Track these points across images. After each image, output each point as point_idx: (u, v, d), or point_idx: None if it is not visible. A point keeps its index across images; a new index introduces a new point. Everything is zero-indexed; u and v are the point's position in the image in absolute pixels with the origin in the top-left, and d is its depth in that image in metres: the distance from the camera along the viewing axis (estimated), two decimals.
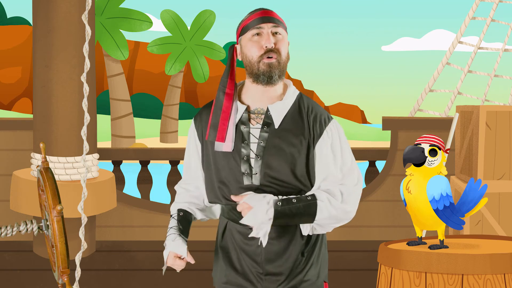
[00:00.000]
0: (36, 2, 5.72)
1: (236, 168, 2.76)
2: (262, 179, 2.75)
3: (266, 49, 2.76)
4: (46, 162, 2.81)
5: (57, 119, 5.67)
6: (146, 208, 6.57)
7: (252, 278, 2.82)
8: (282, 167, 2.76)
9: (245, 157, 2.76)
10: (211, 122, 2.80)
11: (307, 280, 2.86)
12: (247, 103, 2.83)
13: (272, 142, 2.77)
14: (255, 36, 2.79)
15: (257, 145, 2.77)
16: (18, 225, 2.84)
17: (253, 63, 2.78)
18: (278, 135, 2.78)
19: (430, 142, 3.22)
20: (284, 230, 2.80)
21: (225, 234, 2.87)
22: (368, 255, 5.87)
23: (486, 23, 19.37)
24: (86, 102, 3.88)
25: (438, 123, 6.57)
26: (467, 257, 3.07)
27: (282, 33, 2.81)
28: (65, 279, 2.69)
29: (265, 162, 2.75)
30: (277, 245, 2.80)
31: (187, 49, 21.00)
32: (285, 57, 2.80)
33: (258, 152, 2.76)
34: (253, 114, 2.81)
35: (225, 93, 2.82)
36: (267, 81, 2.77)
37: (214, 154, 2.81)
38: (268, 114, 2.80)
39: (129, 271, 5.68)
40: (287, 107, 2.83)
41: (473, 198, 3.33)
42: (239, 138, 2.78)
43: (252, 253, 2.80)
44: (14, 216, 6.04)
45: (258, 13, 2.82)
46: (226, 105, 2.80)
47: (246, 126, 2.79)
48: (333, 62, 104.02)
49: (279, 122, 2.80)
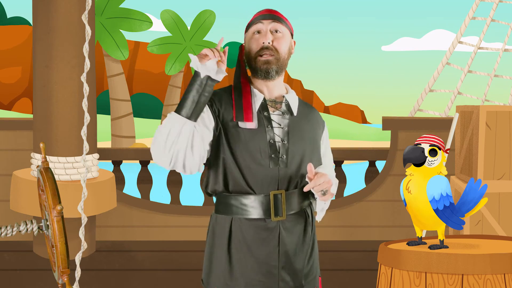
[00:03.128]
0: (36, 2, 5.72)
1: (264, 152, 2.79)
2: (289, 162, 2.81)
3: (263, 45, 2.82)
4: (46, 162, 2.81)
5: (57, 119, 5.67)
6: (146, 208, 6.57)
7: (267, 273, 2.80)
8: (305, 152, 2.86)
9: (271, 140, 2.81)
10: (236, 104, 2.82)
11: (311, 275, 2.89)
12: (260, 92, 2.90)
13: (295, 128, 2.86)
14: (256, 34, 2.86)
15: (281, 130, 2.84)
16: (18, 225, 2.85)
17: (251, 58, 2.85)
18: (298, 122, 2.89)
19: (430, 142, 3.22)
20: (297, 219, 2.86)
21: (232, 235, 2.82)
22: (368, 255, 5.87)
23: (486, 23, 19.37)
24: (86, 102, 3.88)
25: (438, 123, 6.57)
26: (467, 257, 3.07)
27: (282, 31, 2.86)
28: (65, 279, 2.69)
29: (291, 146, 2.83)
30: (293, 235, 2.84)
31: (187, 49, 21.00)
32: (284, 53, 2.85)
33: (283, 137, 2.83)
34: (270, 102, 2.88)
35: (242, 82, 2.88)
36: (264, 76, 2.84)
37: (235, 139, 2.78)
38: (286, 103, 2.89)
39: (129, 271, 5.68)
40: (296, 99, 2.95)
41: (473, 198, 3.32)
42: (262, 122, 2.83)
43: (270, 247, 2.80)
44: (14, 216, 6.04)
45: (261, 12, 2.90)
46: (245, 90, 2.85)
47: (267, 113, 2.85)
48: (333, 62, 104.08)
49: (296, 111, 2.91)
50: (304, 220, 2.88)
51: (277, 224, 2.80)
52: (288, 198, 2.81)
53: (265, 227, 2.79)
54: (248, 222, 2.80)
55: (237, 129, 2.79)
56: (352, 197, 6.71)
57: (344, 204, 6.62)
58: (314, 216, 2.95)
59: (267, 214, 2.80)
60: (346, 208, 6.61)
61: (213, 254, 2.87)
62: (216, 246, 2.85)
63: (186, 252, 6.16)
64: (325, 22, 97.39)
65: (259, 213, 2.80)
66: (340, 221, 6.61)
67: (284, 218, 2.81)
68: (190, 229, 6.41)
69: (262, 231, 2.80)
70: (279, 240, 2.81)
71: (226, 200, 2.84)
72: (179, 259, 6.00)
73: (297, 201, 2.85)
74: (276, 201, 2.79)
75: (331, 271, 5.62)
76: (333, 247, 6.35)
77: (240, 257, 2.81)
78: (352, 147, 7.03)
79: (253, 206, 2.80)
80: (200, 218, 6.33)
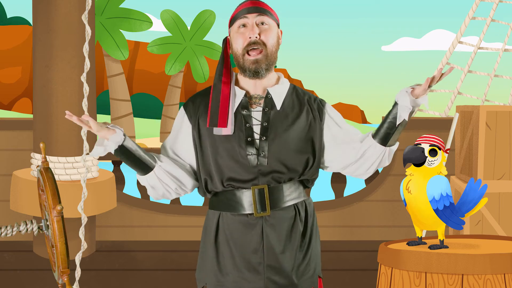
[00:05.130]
0: (36, 2, 5.72)
1: (241, 151, 2.74)
2: (270, 158, 2.75)
3: (250, 40, 2.74)
4: (46, 162, 2.81)
5: (57, 119, 5.67)
6: (146, 208, 6.57)
7: (251, 270, 2.77)
8: (290, 145, 2.77)
9: (249, 138, 2.75)
10: (211, 109, 2.76)
11: (306, 273, 2.85)
12: (243, 89, 2.83)
13: (275, 123, 2.77)
14: (241, 27, 2.78)
15: (260, 126, 2.76)
16: (18, 225, 2.84)
17: (238, 56, 2.78)
18: (280, 116, 2.79)
19: (430, 142, 3.22)
20: (284, 215, 2.79)
21: (219, 230, 2.81)
22: (368, 255, 5.87)
23: (486, 23, 19.37)
24: (86, 102, 3.88)
25: (438, 123, 6.57)
26: (467, 257, 3.07)
27: (268, 23, 2.78)
28: (65, 279, 2.69)
29: (271, 141, 2.75)
30: (278, 231, 2.78)
31: (187, 49, 20.99)
32: (272, 47, 2.77)
33: (263, 133, 2.75)
34: (253, 99, 2.80)
35: (222, 81, 2.80)
36: (253, 75, 2.77)
37: (215, 141, 2.77)
38: (269, 97, 2.80)
39: (129, 271, 5.68)
40: (285, 90, 2.85)
41: (473, 198, 3.32)
42: (241, 121, 2.76)
43: (253, 243, 2.77)
44: (14, 216, 6.04)
45: (244, 4, 2.80)
46: (224, 92, 2.78)
47: (247, 110, 2.78)
48: (333, 62, 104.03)
49: (280, 104, 2.81)
50: (293, 216, 2.81)
51: (260, 219, 2.77)
52: (272, 193, 2.76)
53: (247, 222, 2.77)
54: (233, 217, 2.78)
55: (213, 136, 2.77)
56: (352, 197, 6.70)
57: (344, 204, 6.61)
58: (311, 214, 2.88)
59: (251, 209, 2.77)
60: (346, 208, 6.61)
61: (204, 250, 2.87)
62: (206, 242, 2.85)
63: (186, 252, 6.16)
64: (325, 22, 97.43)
65: (243, 209, 2.77)
66: (340, 221, 6.61)
67: (268, 213, 2.76)
68: (190, 229, 6.40)
69: (245, 227, 2.77)
70: (263, 237, 2.76)
71: (216, 195, 2.84)
72: (179, 259, 6.00)
73: (283, 196, 2.79)
74: (260, 197, 2.75)
75: (331, 271, 5.62)
76: (333, 247, 6.34)
77: (226, 253, 2.80)
78: None
79: (237, 201, 2.78)
80: (200, 218, 6.30)
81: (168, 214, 6.52)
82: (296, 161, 2.80)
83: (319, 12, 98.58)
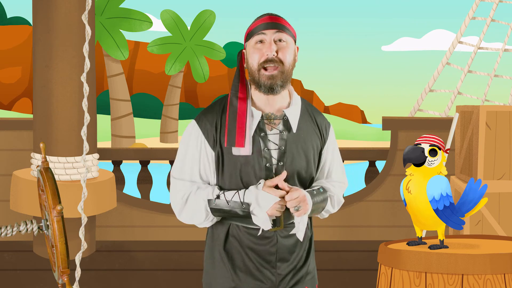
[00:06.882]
0: (36, 2, 5.72)
1: (259, 173, 2.73)
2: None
3: (267, 58, 2.70)
4: (46, 162, 2.81)
5: (57, 119, 5.67)
6: (146, 208, 6.57)
7: (263, 278, 2.79)
8: (301, 167, 2.78)
9: (268, 164, 2.73)
10: (228, 127, 2.72)
11: (309, 273, 2.89)
12: (258, 108, 2.79)
13: (291, 148, 2.76)
14: (258, 43, 2.73)
15: (277, 151, 2.75)
16: (18, 225, 2.84)
17: (253, 71, 2.74)
18: (295, 139, 2.78)
19: (430, 142, 3.22)
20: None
21: (229, 239, 2.81)
22: (368, 255, 5.87)
23: (486, 23, 19.38)
24: (86, 102, 3.88)
25: (438, 123, 6.58)
26: (467, 257, 3.07)
27: (286, 40, 2.73)
28: (65, 279, 2.69)
29: (288, 166, 2.75)
30: (290, 240, 2.81)
31: (187, 49, 21.00)
32: (289, 64, 2.73)
33: (280, 158, 2.74)
34: (267, 119, 2.77)
35: (238, 98, 2.76)
36: (268, 91, 2.74)
37: (234, 162, 2.74)
38: (285, 119, 2.78)
39: (129, 271, 5.68)
40: (298, 112, 2.82)
41: (473, 198, 3.32)
42: (258, 144, 2.73)
43: (265, 253, 2.78)
44: (14, 216, 6.04)
45: (263, 19, 2.76)
46: (241, 109, 2.74)
47: (264, 133, 2.75)
48: (333, 62, 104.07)
49: (296, 126, 2.79)
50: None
51: (274, 233, 2.79)
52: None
53: (262, 236, 2.78)
54: (245, 229, 2.79)
55: (231, 156, 2.73)
56: (352, 197, 6.71)
57: (344, 204, 6.62)
58: (309, 226, 2.92)
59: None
60: (346, 208, 6.62)
61: (213, 256, 2.86)
62: (214, 248, 2.86)
63: (186, 252, 6.16)
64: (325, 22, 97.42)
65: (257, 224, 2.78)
66: (340, 221, 6.61)
67: (282, 228, 2.77)
68: (190, 229, 6.41)
69: (259, 239, 2.78)
70: (277, 248, 2.79)
71: None
72: (179, 259, 6.00)
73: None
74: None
75: (331, 271, 5.63)
76: (333, 247, 6.35)
77: (237, 260, 2.81)
78: (352, 147, 7.03)
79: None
80: None
81: (168, 214, 6.52)
82: (306, 181, 2.84)
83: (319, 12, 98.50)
